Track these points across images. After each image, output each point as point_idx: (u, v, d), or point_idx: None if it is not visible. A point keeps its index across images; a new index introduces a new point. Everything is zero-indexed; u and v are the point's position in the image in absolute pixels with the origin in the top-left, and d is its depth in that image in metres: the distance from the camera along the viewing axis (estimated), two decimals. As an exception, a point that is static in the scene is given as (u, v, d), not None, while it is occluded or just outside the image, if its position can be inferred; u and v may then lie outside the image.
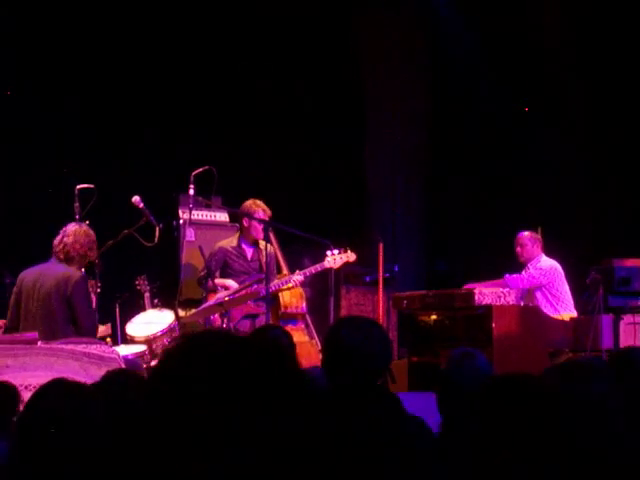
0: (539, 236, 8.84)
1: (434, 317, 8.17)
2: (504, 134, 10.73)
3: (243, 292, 7.29)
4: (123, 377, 3.64)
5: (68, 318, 6.43)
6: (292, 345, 3.80)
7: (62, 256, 6.53)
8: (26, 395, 3.83)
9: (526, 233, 8.76)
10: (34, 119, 9.70)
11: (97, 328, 6.68)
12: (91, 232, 6.67)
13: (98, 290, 7.14)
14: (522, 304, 8.02)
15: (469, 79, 10.82)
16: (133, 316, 7.73)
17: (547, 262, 8.64)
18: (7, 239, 9.09)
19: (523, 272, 8.61)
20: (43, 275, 6.52)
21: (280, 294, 8.18)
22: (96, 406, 2.82)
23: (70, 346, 5.97)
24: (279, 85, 10.75)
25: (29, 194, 9.51)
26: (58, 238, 6.57)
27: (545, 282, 8.53)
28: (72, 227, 6.62)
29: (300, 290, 8.30)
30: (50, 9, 9.63)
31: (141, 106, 10.14)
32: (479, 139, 10.90)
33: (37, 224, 6.89)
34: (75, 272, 6.54)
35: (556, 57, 10.33)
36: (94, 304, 6.86)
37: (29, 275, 6.61)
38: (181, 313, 8.10)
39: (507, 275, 8.41)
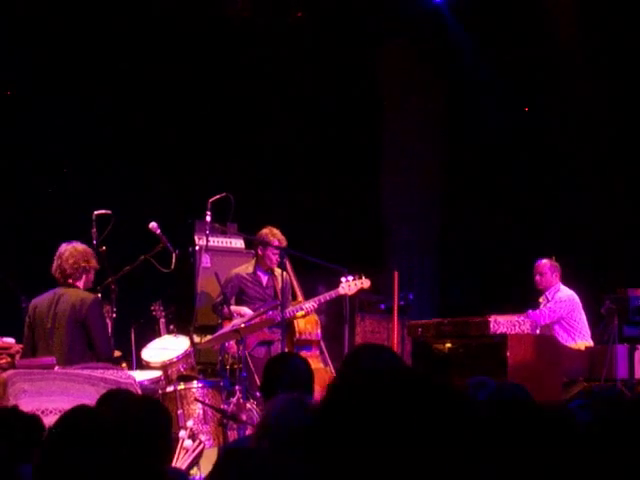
0: (558, 265, 8.78)
1: (449, 345, 8.15)
2: (519, 165, 10.75)
3: (259, 319, 7.30)
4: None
5: (85, 342, 6.45)
6: (310, 372, 3.82)
7: (63, 277, 6.53)
8: (43, 420, 3.85)
9: (545, 261, 8.71)
10: (52, 144, 9.79)
11: (113, 351, 6.70)
12: (81, 246, 6.65)
13: (114, 315, 7.16)
14: (538, 333, 7.99)
15: (485, 115, 10.84)
16: (148, 342, 7.74)
17: (565, 293, 8.59)
18: (24, 264, 9.13)
19: (542, 305, 8.58)
20: (56, 302, 6.51)
21: (295, 321, 8.18)
22: (115, 432, 2.84)
23: (87, 371, 5.98)
24: (297, 115, 10.80)
25: (45, 220, 9.56)
26: (54, 264, 6.59)
27: (565, 314, 8.49)
28: (62, 248, 6.61)
29: (315, 317, 8.30)
30: (71, 39, 9.73)
31: (159, 132, 10.21)
32: (495, 170, 10.92)
33: (54, 250, 6.91)
34: (90, 295, 6.56)
35: (575, 86, 10.32)
36: (110, 329, 6.88)
37: (41, 303, 6.59)
38: (196, 339, 8.10)
39: (530, 311, 8.37)
